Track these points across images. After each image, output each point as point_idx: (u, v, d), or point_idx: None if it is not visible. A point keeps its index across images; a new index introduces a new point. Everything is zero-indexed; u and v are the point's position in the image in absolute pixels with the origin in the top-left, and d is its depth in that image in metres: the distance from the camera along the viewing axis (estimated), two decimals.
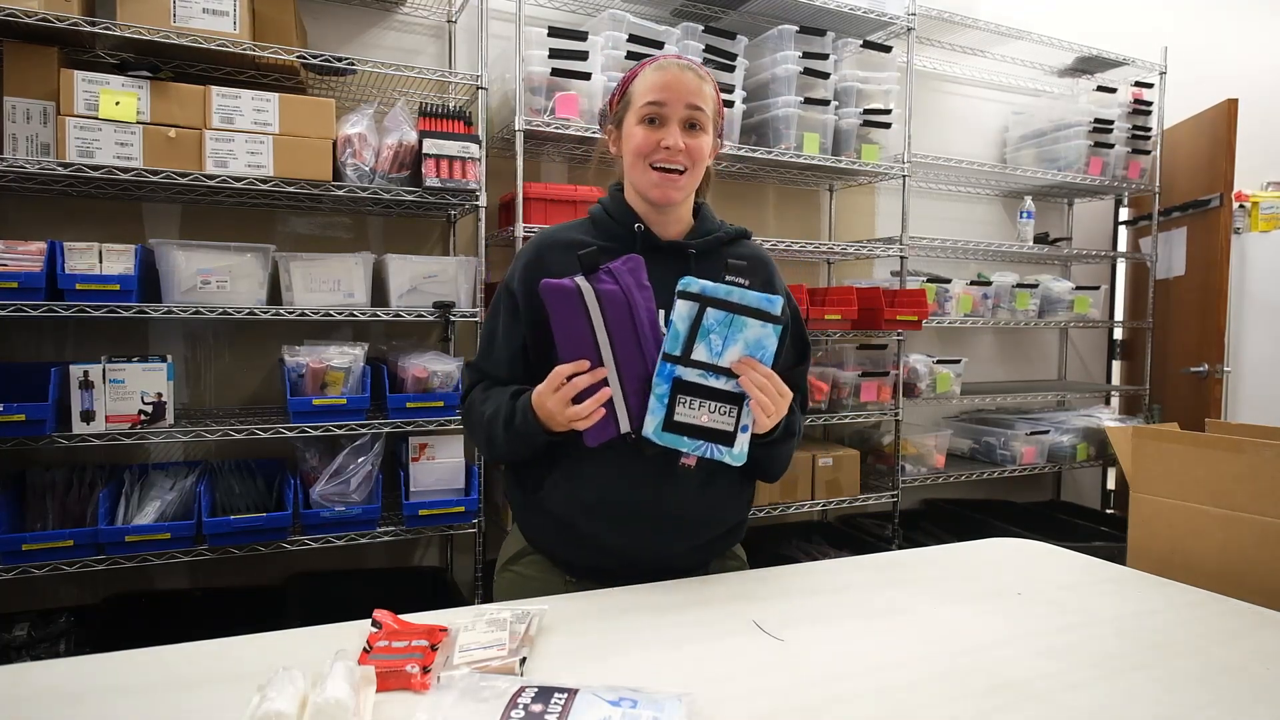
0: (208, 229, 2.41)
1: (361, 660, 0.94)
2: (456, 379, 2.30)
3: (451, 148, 2.26)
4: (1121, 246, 4.01)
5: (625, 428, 1.19)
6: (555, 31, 2.44)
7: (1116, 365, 4.06)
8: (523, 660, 0.96)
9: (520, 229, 2.37)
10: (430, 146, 2.24)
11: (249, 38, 2.11)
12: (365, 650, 0.97)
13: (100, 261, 1.98)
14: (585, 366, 1.17)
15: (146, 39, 2.02)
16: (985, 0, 3.45)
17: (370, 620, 1.05)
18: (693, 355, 1.16)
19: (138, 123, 2.01)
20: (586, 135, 2.48)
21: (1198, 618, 1.19)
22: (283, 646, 1.03)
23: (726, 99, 2.64)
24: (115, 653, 1.00)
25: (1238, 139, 3.35)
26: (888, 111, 2.94)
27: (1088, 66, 3.66)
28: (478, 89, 2.41)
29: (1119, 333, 4.04)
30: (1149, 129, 3.56)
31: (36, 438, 1.95)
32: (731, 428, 1.18)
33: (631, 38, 2.52)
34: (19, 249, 1.93)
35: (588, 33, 2.48)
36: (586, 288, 1.17)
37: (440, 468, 2.31)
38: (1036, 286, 3.43)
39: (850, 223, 3.42)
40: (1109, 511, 3.84)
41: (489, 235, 2.54)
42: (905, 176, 2.99)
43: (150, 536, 2.01)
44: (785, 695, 0.93)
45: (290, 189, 2.13)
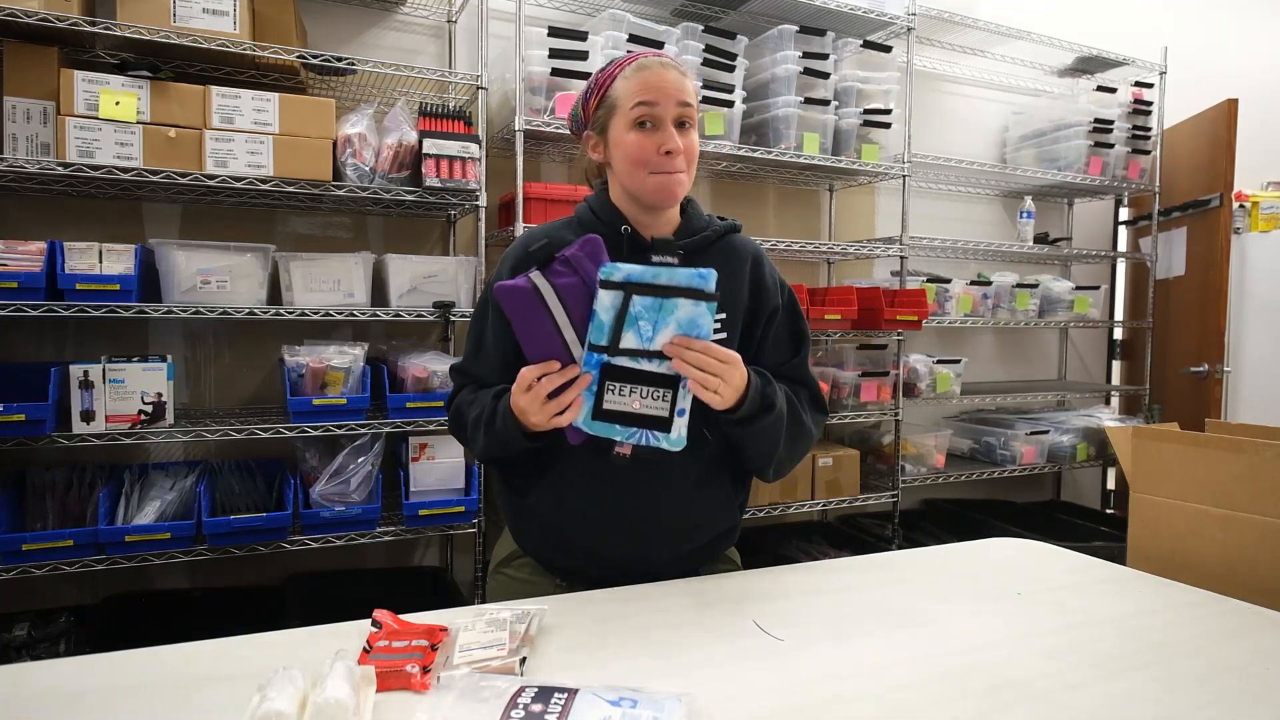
0: (208, 229, 2.41)
1: (361, 660, 0.94)
2: None
3: (451, 148, 2.26)
4: (1121, 246, 4.01)
5: None
6: (555, 31, 2.45)
7: (1116, 365, 4.06)
8: (523, 660, 0.96)
9: (520, 229, 2.36)
10: (430, 146, 2.24)
11: (249, 38, 2.11)
12: (365, 650, 0.97)
13: (100, 261, 1.98)
14: (555, 367, 1.11)
15: (146, 39, 2.02)
16: (985, 0, 3.45)
17: (370, 620, 1.05)
18: (621, 345, 1.10)
19: (138, 123, 2.01)
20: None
21: (1198, 618, 1.19)
22: (283, 646, 1.03)
23: (727, 99, 2.65)
24: (115, 653, 1.00)
25: (1238, 139, 3.35)
26: (888, 111, 2.94)
27: (1088, 66, 3.66)
28: (478, 89, 2.41)
29: (1119, 333, 4.04)
30: (1149, 129, 3.56)
31: (36, 438, 1.95)
32: (666, 413, 1.12)
33: (631, 38, 2.52)
34: (19, 249, 1.94)
35: (588, 33, 2.48)
36: (543, 283, 1.10)
37: (440, 468, 2.31)
38: (1036, 286, 3.43)
39: (850, 223, 3.42)
40: (1109, 511, 3.83)
41: (489, 235, 2.54)
42: (905, 176, 2.99)
43: (150, 536, 2.01)
44: (785, 695, 0.93)
45: (290, 189, 2.13)
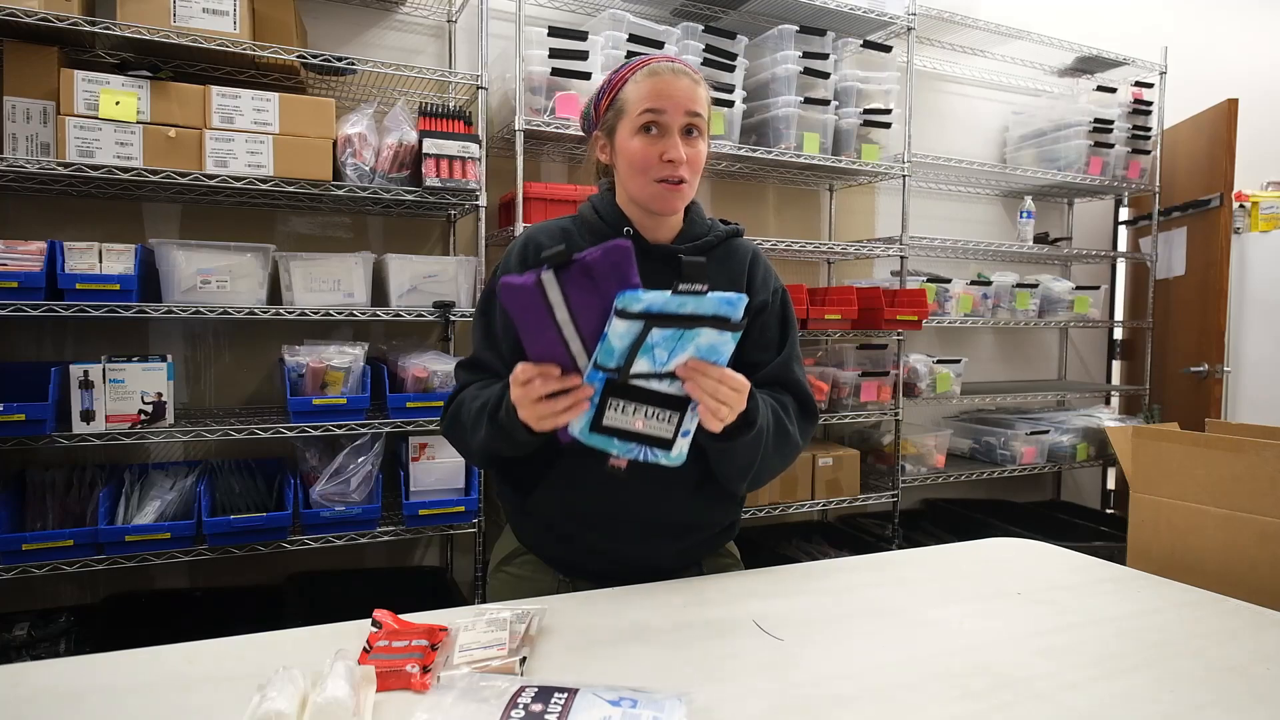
0: (208, 229, 2.41)
1: (361, 660, 0.94)
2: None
3: (451, 147, 2.26)
4: (1121, 246, 4.01)
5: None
6: (555, 31, 2.44)
7: (1116, 365, 4.06)
8: (523, 660, 0.96)
9: (520, 229, 2.36)
10: (430, 146, 2.24)
11: (249, 37, 2.11)
12: (365, 650, 0.97)
13: (100, 261, 1.98)
14: (554, 372, 1.03)
15: (146, 39, 2.02)
16: (985, 0, 3.45)
17: (370, 620, 1.05)
18: (631, 370, 1.01)
19: (138, 122, 2.01)
20: (587, 135, 2.47)
21: (1198, 618, 1.19)
22: (283, 646, 1.03)
23: (727, 99, 2.65)
24: (115, 652, 1.00)
25: (1238, 139, 3.35)
26: (888, 111, 2.94)
27: (1088, 66, 3.66)
28: (478, 89, 2.40)
29: (1119, 333, 4.04)
30: (1149, 129, 3.56)
31: (36, 437, 1.95)
32: (670, 434, 1.05)
33: (631, 38, 2.52)
34: (19, 249, 1.93)
35: (588, 33, 2.48)
36: (552, 287, 0.99)
37: (440, 467, 2.31)
38: (1036, 286, 3.43)
39: (850, 223, 3.42)
40: (1109, 511, 3.83)
41: (489, 235, 2.54)
42: (905, 176, 2.99)
43: (150, 536, 2.01)
44: (785, 695, 0.93)
45: (290, 189, 2.13)
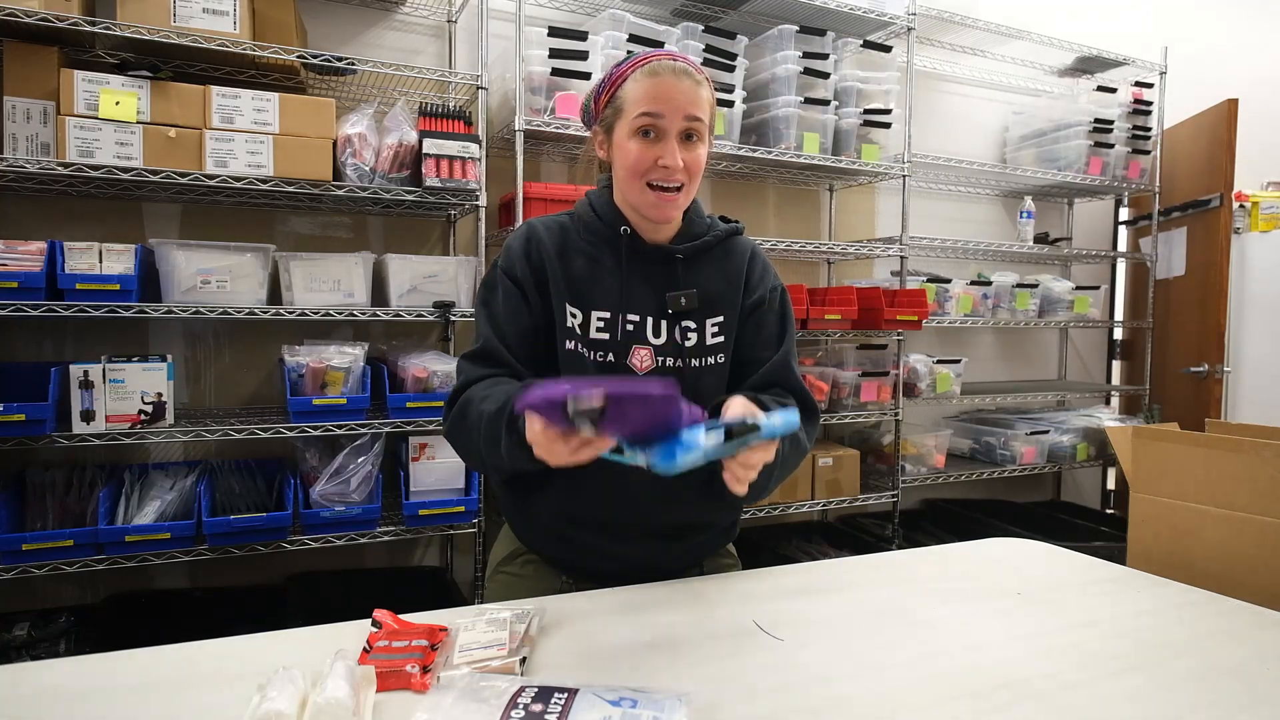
0: (208, 229, 2.41)
1: (361, 660, 0.94)
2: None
3: (451, 148, 2.26)
4: (1121, 246, 4.01)
5: None
6: (555, 31, 2.44)
7: (1116, 365, 4.06)
8: (523, 660, 0.96)
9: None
10: (430, 146, 2.24)
11: (249, 38, 2.11)
12: (365, 650, 0.97)
13: (100, 261, 1.98)
14: (571, 444, 0.93)
15: (146, 39, 2.02)
16: (985, 0, 3.45)
17: (370, 620, 1.05)
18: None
19: (138, 122, 2.01)
20: (587, 135, 2.47)
21: (1198, 618, 1.19)
22: (283, 646, 1.03)
23: (727, 99, 2.64)
24: (115, 652, 1.00)
25: (1238, 139, 3.35)
26: (888, 111, 2.94)
27: (1088, 66, 3.66)
28: (478, 89, 2.40)
29: (1119, 333, 4.04)
30: (1149, 129, 3.56)
31: (36, 437, 1.95)
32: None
33: (631, 38, 2.52)
34: (19, 249, 1.93)
35: (588, 33, 2.48)
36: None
37: (440, 468, 2.31)
38: (1036, 286, 3.43)
39: (850, 223, 3.42)
40: (1109, 511, 3.83)
41: (489, 235, 2.54)
42: (905, 176, 2.99)
43: (150, 536, 2.01)
44: (785, 695, 0.93)
45: (290, 189, 2.13)
